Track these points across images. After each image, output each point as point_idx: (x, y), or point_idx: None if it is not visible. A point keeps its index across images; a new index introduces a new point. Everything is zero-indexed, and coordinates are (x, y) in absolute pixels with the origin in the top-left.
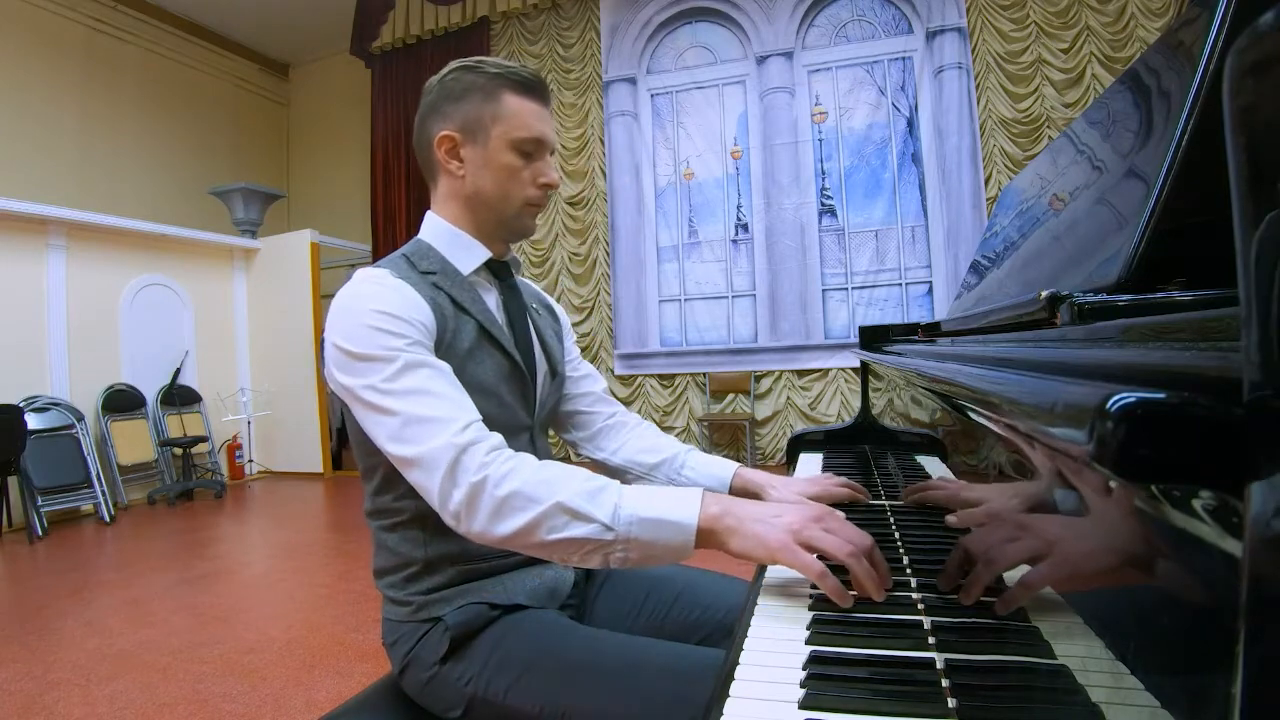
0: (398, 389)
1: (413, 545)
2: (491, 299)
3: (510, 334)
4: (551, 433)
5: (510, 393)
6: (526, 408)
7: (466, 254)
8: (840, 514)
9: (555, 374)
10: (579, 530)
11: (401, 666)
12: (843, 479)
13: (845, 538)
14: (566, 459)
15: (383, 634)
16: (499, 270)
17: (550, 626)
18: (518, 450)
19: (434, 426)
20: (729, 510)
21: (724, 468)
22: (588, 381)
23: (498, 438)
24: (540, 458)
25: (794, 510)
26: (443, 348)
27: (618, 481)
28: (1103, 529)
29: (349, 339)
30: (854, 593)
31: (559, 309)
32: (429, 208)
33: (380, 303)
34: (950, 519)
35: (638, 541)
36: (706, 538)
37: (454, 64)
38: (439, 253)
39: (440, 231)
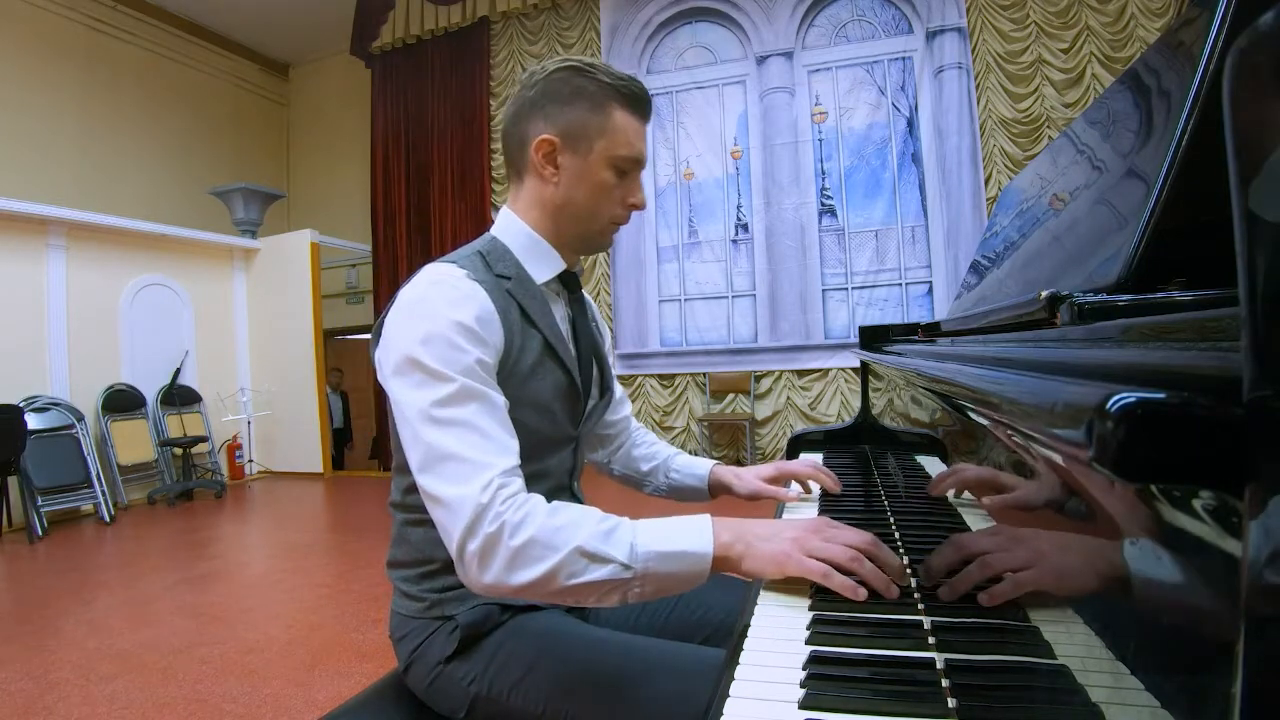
0: (444, 417)
1: (435, 545)
2: (559, 311)
3: (574, 350)
4: None
5: (562, 409)
6: (574, 422)
7: (542, 262)
8: (835, 521)
9: (605, 390)
10: (598, 573)
11: (407, 663)
12: (812, 463)
13: (844, 543)
14: None
15: (390, 627)
16: (569, 282)
17: (553, 627)
18: (561, 460)
19: (465, 469)
20: (739, 536)
21: (703, 466)
22: (622, 406)
23: (517, 483)
24: (579, 467)
25: (793, 525)
26: (507, 366)
27: (626, 518)
28: (1102, 529)
29: (415, 344)
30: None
31: (603, 324)
32: (430, 207)
33: (459, 313)
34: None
35: (656, 575)
36: (720, 564)
37: (562, 62)
38: (514, 257)
39: (518, 234)
